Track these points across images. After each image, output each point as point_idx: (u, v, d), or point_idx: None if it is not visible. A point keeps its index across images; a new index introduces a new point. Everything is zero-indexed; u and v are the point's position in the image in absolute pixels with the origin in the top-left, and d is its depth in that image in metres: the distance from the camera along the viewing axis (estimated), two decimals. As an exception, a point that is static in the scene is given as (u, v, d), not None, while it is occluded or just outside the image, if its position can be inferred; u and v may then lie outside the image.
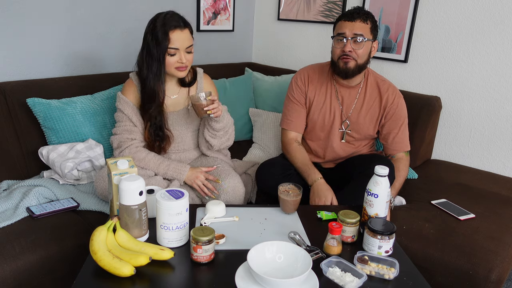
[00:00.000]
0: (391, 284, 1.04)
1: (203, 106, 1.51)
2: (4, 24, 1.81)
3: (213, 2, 2.61)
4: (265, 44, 2.94)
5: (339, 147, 1.78)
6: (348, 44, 1.56)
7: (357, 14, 1.56)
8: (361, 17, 1.56)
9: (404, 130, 1.73)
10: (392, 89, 1.71)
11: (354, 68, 1.60)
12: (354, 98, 1.72)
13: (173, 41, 1.52)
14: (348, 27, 1.56)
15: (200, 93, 1.51)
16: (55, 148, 1.75)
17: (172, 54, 1.54)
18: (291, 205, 1.36)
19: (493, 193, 1.80)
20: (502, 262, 1.36)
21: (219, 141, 1.70)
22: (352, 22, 1.56)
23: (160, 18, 1.53)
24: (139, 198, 1.11)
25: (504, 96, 1.99)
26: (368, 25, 1.57)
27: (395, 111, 1.70)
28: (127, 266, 0.99)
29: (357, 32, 1.55)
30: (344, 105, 1.73)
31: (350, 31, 1.56)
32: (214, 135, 1.68)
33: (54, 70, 2.02)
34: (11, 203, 1.53)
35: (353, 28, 1.56)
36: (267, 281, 0.93)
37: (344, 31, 1.57)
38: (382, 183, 1.19)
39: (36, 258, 1.32)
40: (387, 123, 1.72)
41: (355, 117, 1.73)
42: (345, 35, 1.57)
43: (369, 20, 1.58)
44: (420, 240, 1.47)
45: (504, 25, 1.92)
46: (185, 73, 1.62)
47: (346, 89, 1.72)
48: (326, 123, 1.76)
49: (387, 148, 1.76)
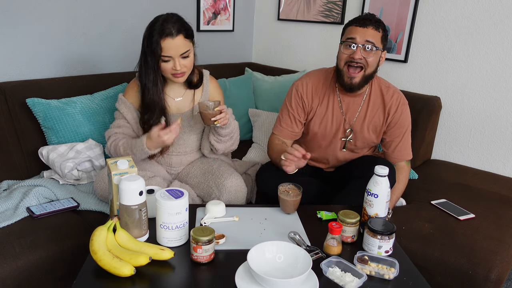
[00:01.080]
0: (391, 284, 1.04)
1: (211, 116, 1.48)
2: (4, 24, 1.81)
3: (213, 2, 2.61)
4: (265, 44, 2.94)
5: (341, 155, 1.73)
6: (358, 51, 1.48)
7: (369, 21, 1.49)
8: (373, 24, 1.49)
9: (406, 138, 1.67)
10: (397, 96, 1.63)
11: (360, 81, 1.53)
12: (358, 106, 1.64)
13: (165, 50, 1.49)
14: (359, 33, 1.48)
15: (208, 102, 1.48)
16: (55, 148, 1.75)
17: (166, 60, 1.51)
18: (291, 205, 1.36)
19: (493, 193, 1.80)
20: (502, 262, 1.36)
21: (224, 146, 1.69)
22: (364, 28, 1.48)
23: (157, 24, 1.49)
24: (139, 198, 1.11)
25: (504, 96, 1.99)
26: (380, 33, 1.50)
27: (399, 120, 1.63)
28: (127, 266, 0.99)
29: (369, 39, 1.47)
30: (348, 114, 1.65)
31: (361, 37, 1.48)
32: (219, 140, 1.66)
33: (54, 70, 2.02)
34: (11, 203, 1.53)
35: (365, 35, 1.48)
36: (267, 281, 0.93)
37: (355, 36, 1.48)
38: (382, 183, 1.19)
39: (36, 258, 1.32)
40: (389, 131, 1.66)
41: (358, 126, 1.65)
42: (356, 41, 1.48)
43: (381, 29, 1.51)
44: (420, 240, 1.47)
45: (504, 25, 1.92)
46: (183, 79, 1.59)
47: (350, 97, 1.64)
48: (328, 134, 1.69)
49: (389, 157, 1.70)
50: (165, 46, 1.48)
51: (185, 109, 1.71)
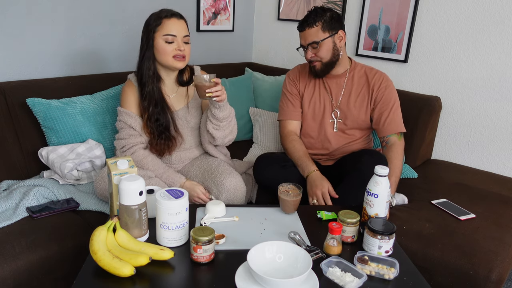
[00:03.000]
0: (391, 284, 1.04)
1: (206, 88, 1.49)
2: (4, 24, 1.81)
3: (213, 2, 2.61)
4: (265, 44, 2.94)
5: (333, 137, 1.80)
6: (308, 52, 1.68)
7: (305, 23, 1.64)
8: (308, 24, 1.63)
9: (395, 112, 1.72)
10: (380, 74, 1.74)
11: (322, 68, 1.69)
12: (342, 86, 1.77)
13: (170, 28, 1.52)
14: (302, 38, 1.68)
15: (204, 75, 1.49)
16: (55, 149, 1.74)
17: (170, 41, 1.54)
18: (291, 205, 1.36)
19: (493, 193, 1.80)
20: (502, 262, 1.35)
21: (223, 133, 1.67)
22: (303, 32, 1.66)
23: (157, 14, 1.55)
24: (139, 198, 1.11)
25: (504, 96, 1.99)
26: (318, 26, 1.63)
27: (384, 94, 1.71)
28: (127, 266, 0.99)
29: (309, 41, 1.65)
30: (333, 94, 1.78)
31: (304, 41, 1.67)
32: (218, 126, 1.64)
33: (54, 70, 2.02)
34: (11, 203, 1.53)
35: (305, 37, 1.66)
36: (267, 281, 0.93)
37: (301, 42, 1.68)
38: (382, 183, 1.19)
39: (36, 258, 1.32)
40: (377, 106, 1.73)
41: (345, 104, 1.76)
42: (303, 45, 1.68)
43: (318, 21, 1.62)
44: (420, 240, 1.47)
45: (504, 25, 1.92)
46: (184, 64, 1.61)
47: (333, 79, 1.78)
48: (317, 112, 1.80)
49: (380, 131, 1.74)
50: (170, 25, 1.53)
51: (180, 105, 1.72)
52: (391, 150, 1.69)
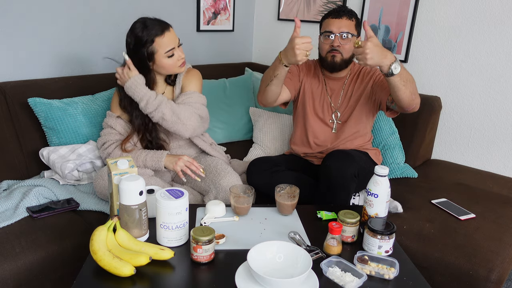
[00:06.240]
0: (391, 284, 1.04)
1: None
2: (4, 24, 1.81)
3: (213, 2, 2.61)
4: (265, 44, 2.94)
5: (330, 138, 1.82)
6: (336, 39, 1.67)
7: (343, 12, 1.68)
8: (346, 14, 1.67)
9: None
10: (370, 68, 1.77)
11: (340, 62, 1.70)
12: (341, 88, 1.81)
13: (167, 44, 1.55)
14: (335, 25, 1.67)
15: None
16: (56, 149, 1.75)
17: (171, 55, 1.57)
18: (289, 208, 1.35)
19: (493, 193, 1.80)
20: (502, 262, 1.35)
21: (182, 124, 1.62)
22: (339, 19, 1.67)
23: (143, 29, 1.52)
24: (139, 198, 1.11)
25: (504, 96, 1.99)
26: (353, 22, 1.68)
27: (376, 71, 1.75)
28: (127, 266, 0.99)
29: (343, 29, 1.66)
30: (333, 97, 1.82)
31: (337, 28, 1.66)
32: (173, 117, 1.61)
33: (54, 70, 2.02)
34: (11, 203, 1.53)
35: (340, 25, 1.66)
36: (267, 281, 0.93)
37: (332, 28, 1.67)
38: (382, 183, 1.19)
39: (36, 258, 1.32)
40: (378, 87, 1.70)
41: (345, 106, 1.80)
42: (333, 32, 1.67)
43: (354, 18, 1.69)
44: (420, 240, 1.47)
45: (504, 25, 1.92)
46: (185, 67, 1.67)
47: (334, 81, 1.81)
48: (317, 108, 1.82)
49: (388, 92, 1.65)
50: (166, 40, 1.54)
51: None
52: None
